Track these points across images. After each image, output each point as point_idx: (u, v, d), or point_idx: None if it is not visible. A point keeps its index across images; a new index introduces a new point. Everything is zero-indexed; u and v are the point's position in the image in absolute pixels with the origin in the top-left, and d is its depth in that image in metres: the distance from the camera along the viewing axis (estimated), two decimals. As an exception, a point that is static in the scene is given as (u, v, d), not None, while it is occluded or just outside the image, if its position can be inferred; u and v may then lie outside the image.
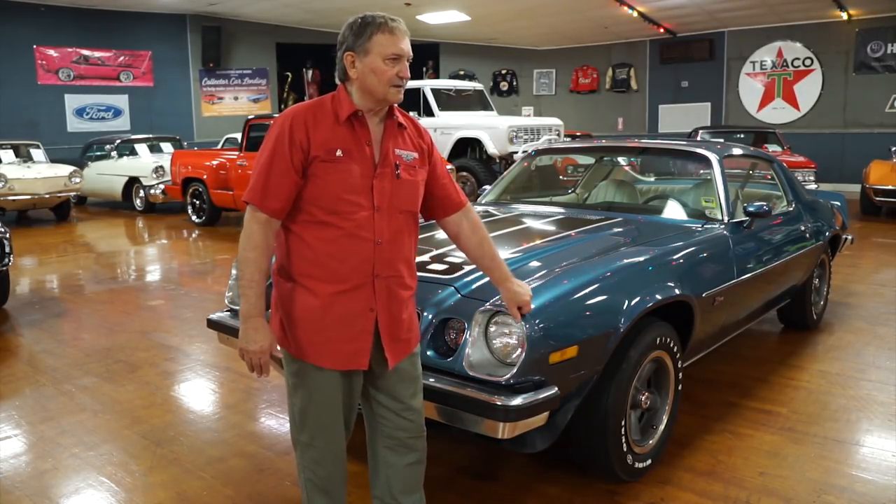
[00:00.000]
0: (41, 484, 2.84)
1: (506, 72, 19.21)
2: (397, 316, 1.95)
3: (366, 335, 1.90)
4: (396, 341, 1.96)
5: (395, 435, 2.04)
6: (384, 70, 1.83)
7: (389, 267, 1.91)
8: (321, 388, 1.93)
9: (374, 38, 1.83)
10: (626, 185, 4.59)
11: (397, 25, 1.86)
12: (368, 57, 1.84)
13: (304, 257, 1.87)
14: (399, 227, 1.92)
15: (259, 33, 17.05)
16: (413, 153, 1.97)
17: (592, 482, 2.75)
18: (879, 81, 14.48)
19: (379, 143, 1.91)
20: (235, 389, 3.89)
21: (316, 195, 1.84)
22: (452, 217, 2.11)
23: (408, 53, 1.87)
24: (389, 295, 1.92)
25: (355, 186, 1.85)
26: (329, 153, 1.83)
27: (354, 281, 1.86)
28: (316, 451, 1.98)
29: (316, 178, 1.83)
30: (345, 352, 1.90)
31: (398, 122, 1.95)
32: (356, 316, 1.89)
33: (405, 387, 2.02)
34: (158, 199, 11.94)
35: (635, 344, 2.60)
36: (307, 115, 1.86)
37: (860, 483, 2.76)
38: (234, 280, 3.28)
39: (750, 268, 3.51)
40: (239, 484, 2.81)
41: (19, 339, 4.94)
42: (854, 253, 7.44)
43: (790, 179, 4.71)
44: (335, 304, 1.87)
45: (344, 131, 1.86)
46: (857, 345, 4.50)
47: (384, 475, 2.08)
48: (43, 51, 15.02)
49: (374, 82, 1.84)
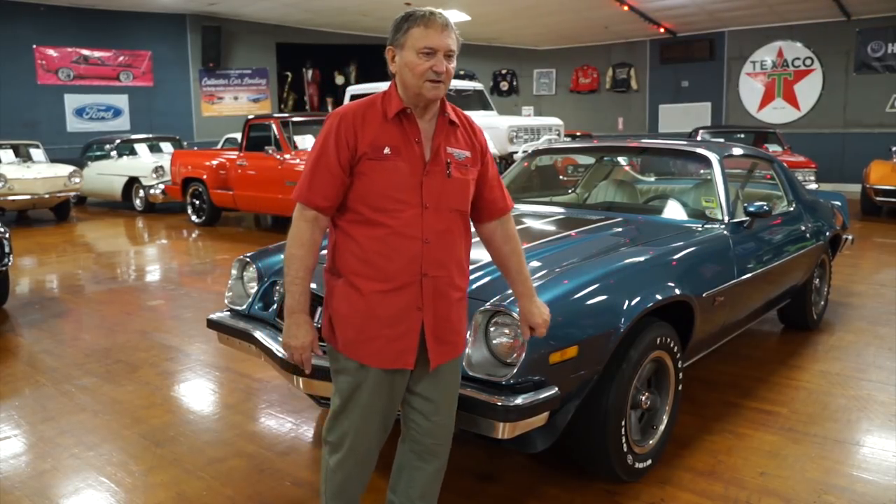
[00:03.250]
0: (41, 484, 2.84)
1: (506, 72, 19.21)
2: (444, 316, 1.93)
3: (412, 334, 1.88)
4: (441, 343, 1.93)
5: (423, 441, 2.04)
6: (417, 64, 1.80)
7: (438, 266, 1.89)
8: (363, 387, 1.91)
9: (410, 32, 1.81)
10: (627, 185, 4.58)
11: (434, 18, 1.81)
12: (404, 50, 1.83)
13: (352, 255, 1.87)
14: (448, 226, 1.90)
15: (259, 33, 17.05)
16: (466, 152, 1.95)
17: (592, 482, 2.74)
18: (880, 81, 14.48)
19: (430, 141, 1.89)
20: (235, 389, 3.88)
21: (363, 193, 1.84)
22: (490, 223, 2.08)
23: (444, 47, 1.81)
24: (437, 294, 1.90)
25: (403, 184, 1.84)
26: (377, 151, 1.82)
27: (402, 279, 1.85)
28: (340, 455, 1.96)
29: (363, 175, 1.83)
30: (391, 350, 1.88)
31: (450, 120, 1.93)
32: (402, 314, 1.87)
33: (441, 393, 2.00)
34: (158, 199, 11.94)
35: (635, 344, 2.60)
36: (356, 114, 1.86)
37: (860, 483, 2.76)
38: (233, 280, 3.28)
39: (750, 268, 3.51)
40: (239, 484, 2.81)
41: (19, 339, 4.94)
42: (854, 253, 7.43)
43: (790, 179, 4.71)
44: (382, 301, 1.85)
45: (392, 129, 1.85)
46: (857, 345, 4.49)
47: (406, 477, 2.09)
48: (43, 51, 15.02)
49: (408, 76, 1.82)
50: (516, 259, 2.10)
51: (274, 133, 9.38)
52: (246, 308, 3.13)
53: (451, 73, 1.84)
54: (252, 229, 10.71)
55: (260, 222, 11.35)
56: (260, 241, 8.50)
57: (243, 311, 3.13)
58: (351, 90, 12.06)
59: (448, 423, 2.05)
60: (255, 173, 9.54)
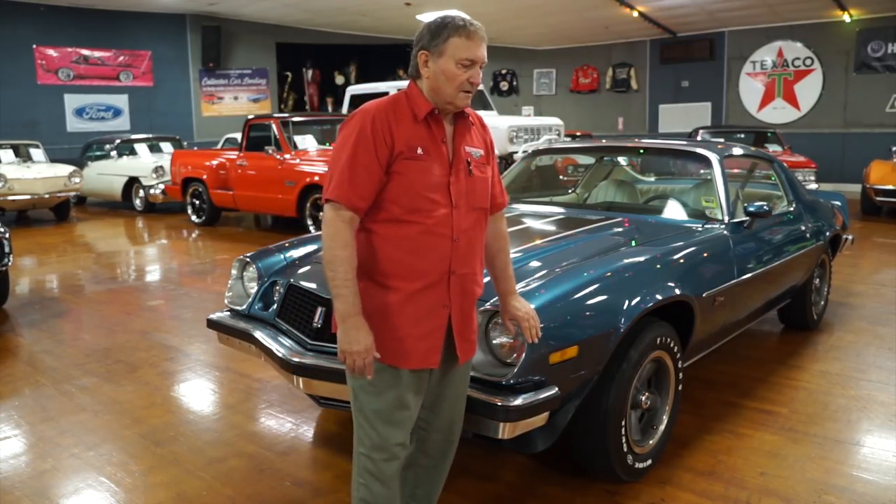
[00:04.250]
0: (41, 484, 2.84)
1: (506, 72, 19.22)
2: (468, 314, 1.95)
3: (438, 332, 1.89)
4: (465, 340, 1.95)
5: (433, 440, 2.05)
6: (456, 74, 1.81)
7: (465, 264, 1.90)
8: (391, 390, 1.88)
9: (451, 41, 1.81)
10: (627, 185, 4.58)
11: (476, 31, 1.82)
12: (442, 58, 1.82)
13: (382, 255, 1.85)
14: (473, 224, 1.93)
15: (259, 33, 17.04)
16: (480, 150, 1.97)
17: (592, 482, 2.74)
18: (880, 81, 14.48)
19: (451, 141, 1.91)
20: (235, 389, 3.88)
21: (397, 193, 1.83)
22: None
23: (482, 60, 1.84)
24: (463, 292, 1.91)
25: (435, 184, 1.84)
26: (412, 150, 1.82)
27: (431, 277, 1.85)
28: (373, 465, 1.91)
29: (399, 175, 1.82)
30: (419, 350, 1.87)
31: (469, 120, 1.95)
32: (430, 313, 1.87)
33: (453, 393, 2.02)
34: (158, 199, 11.94)
35: (635, 344, 2.60)
36: (388, 111, 1.84)
37: (860, 483, 2.76)
38: (233, 280, 3.28)
39: (750, 268, 3.50)
40: (239, 484, 2.81)
41: (19, 339, 4.94)
42: (854, 253, 7.43)
43: (790, 179, 4.71)
44: (411, 300, 1.85)
45: (422, 130, 1.86)
46: (857, 345, 4.49)
47: (413, 474, 2.10)
48: (43, 51, 15.02)
49: (444, 84, 1.83)
50: (503, 257, 2.12)
51: (274, 133, 9.38)
52: (246, 308, 3.12)
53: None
54: (252, 229, 10.71)
55: (260, 222, 11.35)
56: (260, 241, 8.50)
57: (243, 311, 3.13)
58: (351, 90, 12.07)
59: (458, 423, 2.07)
60: (255, 173, 9.54)
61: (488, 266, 2.13)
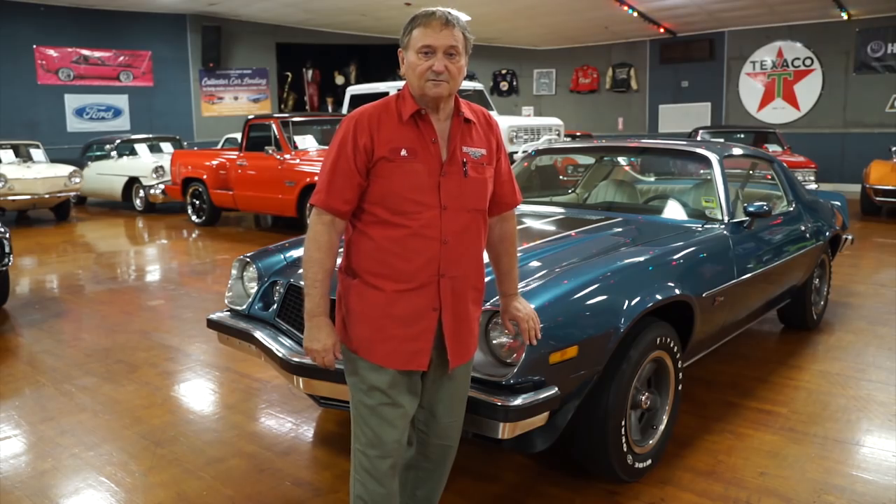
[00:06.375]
0: (41, 484, 2.84)
1: (506, 72, 19.21)
2: (462, 316, 1.92)
3: (427, 335, 1.87)
4: (459, 343, 1.93)
5: (432, 442, 2.04)
6: (417, 64, 1.80)
7: (456, 266, 1.88)
8: (378, 390, 1.88)
9: (412, 33, 1.82)
10: (627, 185, 4.58)
11: (432, 17, 1.80)
12: (409, 52, 1.83)
13: (369, 255, 1.86)
14: (466, 226, 1.89)
15: (259, 33, 17.05)
16: (481, 150, 1.93)
17: (592, 482, 2.74)
18: (880, 81, 14.48)
19: (446, 141, 1.88)
20: (235, 389, 3.88)
21: (381, 195, 1.83)
22: (491, 217, 2.05)
23: (443, 45, 1.79)
24: (455, 295, 1.89)
25: (421, 186, 1.83)
26: (394, 153, 1.81)
27: (419, 280, 1.84)
28: (368, 462, 1.91)
29: (381, 178, 1.82)
30: (405, 351, 1.86)
31: (465, 118, 1.91)
32: (418, 315, 1.86)
33: (452, 396, 2.00)
34: (158, 199, 11.94)
35: (635, 344, 2.60)
36: (372, 116, 1.85)
37: (860, 483, 2.76)
38: (233, 280, 3.28)
39: (750, 268, 3.51)
40: (239, 484, 2.81)
41: (19, 339, 4.94)
42: (854, 253, 7.43)
43: (790, 179, 4.71)
44: (398, 301, 1.84)
45: (408, 130, 1.84)
46: (857, 345, 4.49)
47: (413, 476, 2.10)
48: (43, 51, 15.02)
49: (411, 77, 1.83)
50: (507, 259, 2.11)
51: (274, 133, 9.38)
52: (246, 308, 3.13)
53: (459, 71, 1.82)
54: (252, 229, 10.71)
55: (260, 222, 11.35)
56: (260, 241, 8.50)
57: (243, 311, 3.13)
58: (351, 90, 12.06)
59: (458, 426, 2.05)
60: (255, 173, 9.54)
61: (493, 266, 2.12)
